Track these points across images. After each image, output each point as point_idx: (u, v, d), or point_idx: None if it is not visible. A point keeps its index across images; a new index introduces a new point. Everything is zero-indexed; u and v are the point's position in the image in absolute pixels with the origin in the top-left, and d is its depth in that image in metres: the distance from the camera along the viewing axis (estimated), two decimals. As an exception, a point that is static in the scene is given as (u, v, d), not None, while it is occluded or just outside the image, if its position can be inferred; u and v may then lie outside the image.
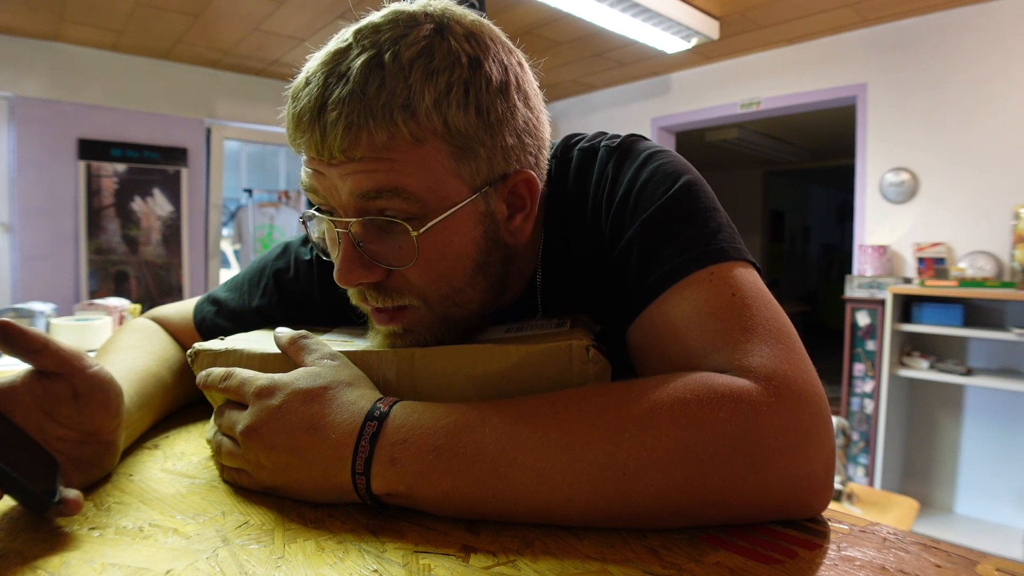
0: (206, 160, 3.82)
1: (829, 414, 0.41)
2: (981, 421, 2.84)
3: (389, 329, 0.50)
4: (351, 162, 0.44)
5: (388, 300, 0.49)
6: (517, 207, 0.51)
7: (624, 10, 2.71)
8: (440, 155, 0.45)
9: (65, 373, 0.42)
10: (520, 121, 0.48)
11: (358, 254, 0.47)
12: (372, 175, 0.44)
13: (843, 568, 0.34)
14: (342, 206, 0.46)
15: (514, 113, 0.48)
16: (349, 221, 0.46)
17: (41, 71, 3.21)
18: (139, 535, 0.38)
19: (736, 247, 0.48)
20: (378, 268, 0.48)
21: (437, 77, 0.43)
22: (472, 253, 0.49)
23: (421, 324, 0.50)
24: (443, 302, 0.50)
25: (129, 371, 0.56)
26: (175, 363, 0.65)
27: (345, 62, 0.44)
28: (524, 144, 0.49)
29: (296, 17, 2.94)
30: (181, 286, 3.73)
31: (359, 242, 0.47)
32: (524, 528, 0.38)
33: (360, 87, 0.42)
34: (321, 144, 0.43)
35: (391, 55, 0.43)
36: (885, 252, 2.99)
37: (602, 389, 0.42)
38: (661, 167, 0.52)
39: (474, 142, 0.46)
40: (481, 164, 0.47)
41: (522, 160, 0.49)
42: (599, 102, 4.38)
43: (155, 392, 0.58)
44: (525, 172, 0.50)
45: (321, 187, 0.47)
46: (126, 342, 0.65)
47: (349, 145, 0.43)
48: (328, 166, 0.45)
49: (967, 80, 2.77)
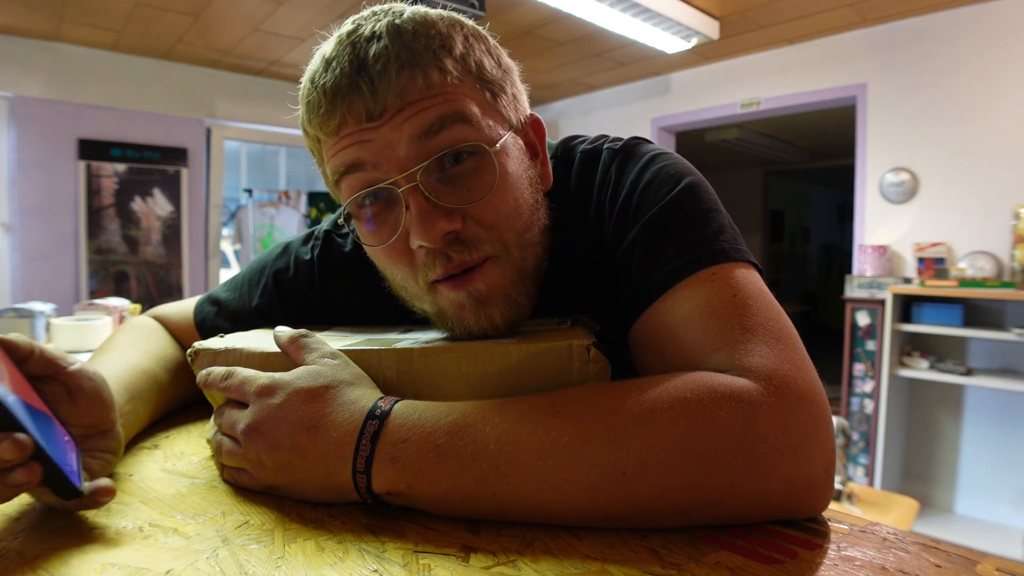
0: (206, 160, 3.81)
1: (829, 414, 0.41)
2: (981, 421, 2.83)
3: (470, 294, 0.48)
4: (405, 108, 0.44)
5: (470, 251, 0.47)
6: (532, 153, 0.54)
7: (624, 10, 2.71)
8: (478, 91, 0.48)
9: (54, 374, 0.43)
10: (516, 73, 0.54)
11: (433, 205, 0.45)
12: (431, 110, 0.45)
13: (843, 568, 0.34)
14: (400, 162, 0.45)
15: (511, 65, 0.53)
16: (417, 170, 0.45)
17: (41, 71, 3.21)
18: (139, 535, 0.38)
19: (738, 248, 0.48)
20: (456, 214, 0.46)
21: (455, 28, 0.48)
22: (527, 186, 0.51)
23: (503, 278, 0.49)
24: (519, 242, 0.50)
25: (118, 368, 0.56)
26: (171, 360, 0.65)
27: (366, 31, 0.45)
28: (523, 92, 0.54)
29: (296, 17, 2.94)
30: (181, 286, 3.72)
31: (429, 194, 0.46)
32: (524, 528, 0.38)
33: (397, 38, 0.45)
34: (372, 100, 0.44)
35: (407, 18, 0.46)
36: (885, 252, 2.99)
37: (602, 388, 0.42)
38: (664, 169, 0.52)
39: (499, 83, 0.50)
40: (508, 103, 0.51)
41: (526, 107, 0.55)
42: (599, 102, 4.38)
43: (147, 387, 0.58)
44: (533, 115, 0.54)
45: (369, 155, 0.45)
46: (121, 341, 0.65)
47: (404, 88, 0.44)
48: (377, 126, 0.45)
49: (967, 80, 2.77)
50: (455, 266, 0.47)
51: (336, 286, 0.64)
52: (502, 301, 0.49)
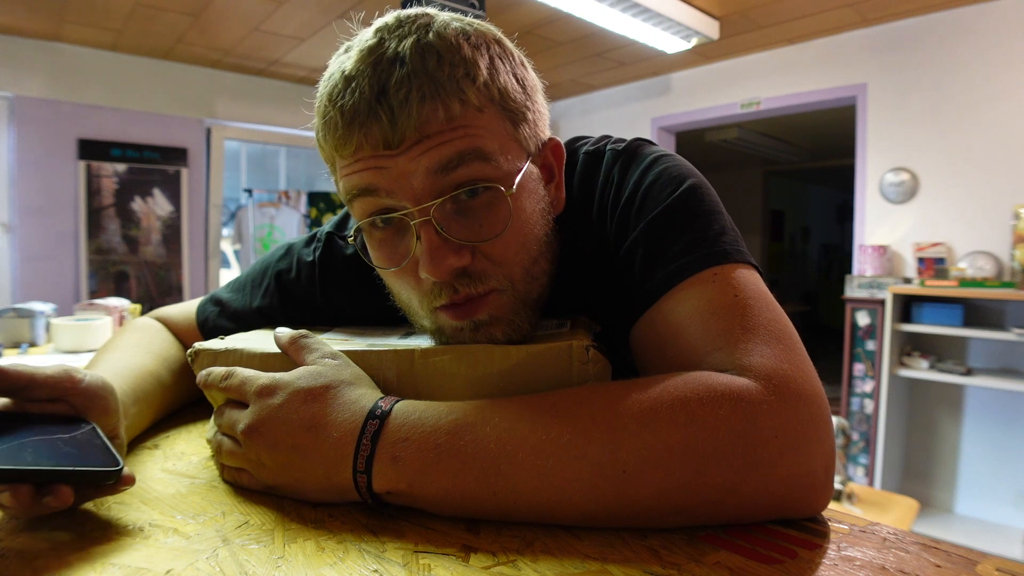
0: (206, 160, 3.81)
1: (829, 414, 0.41)
2: (981, 421, 2.83)
3: (471, 322, 0.48)
4: (424, 140, 0.43)
5: (477, 285, 0.47)
6: (547, 177, 0.53)
7: (624, 10, 2.71)
8: (500, 120, 0.47)
9: (60, 396, 0.43)
10: (540, 91, 0.52)
11: (443, 240, 0.45)
12: (449, 144, 0.44)
13: (843, 568, 0.34)
14: (415, 194, 0.44)
15: (536, 83, 0.51)
16: (431, 205, 0.44)
17: (41, 71, 3.21)
18: (139, 535, 0.38)
19: (739, 250, 0.49)
20: (465, 251, 0.46)
21: (481, 50, 0.46)
22: (539, 219, 0.51)
23: (505, 307, 0.49)
24: (525, 276, 0.50)
25: (124, 369, 0.56)
26: (174, 362, 0.65)
27: (390, 50, 0.43)
28: (546, 112, 0.53)
29: (296, 17, 2.94)
30: (181, 286, 3.72)
31: (440, 228, 0.45)
32: (524, 528, 0.38)
33: (420, 65, 0.43)
34: (391, 129, 0.42)
35: (435, 35, 0.44)
36: (885, 252, 2.99)
37: (602, 388, 0.42)
38: (667, 170, 0.53)
39: (522, 108, 0.48)
40: (530, 129, 0.49)
41: (546, 128, 0.53)
42: (599, 102, 4.38)
43: (152, 390, 0.59)
44: (554, 139, 0.53)
45: (384, 182, 0.44)
46: (125, 341, 0.65)
47: (425, 120, 0.42)
48: (394, 155, 0.43)
49: (967, 80, 2.77)
50: (460, 297, 0.47)
51: (338, 287, 0.65)
52: (504, 324, 0.49)
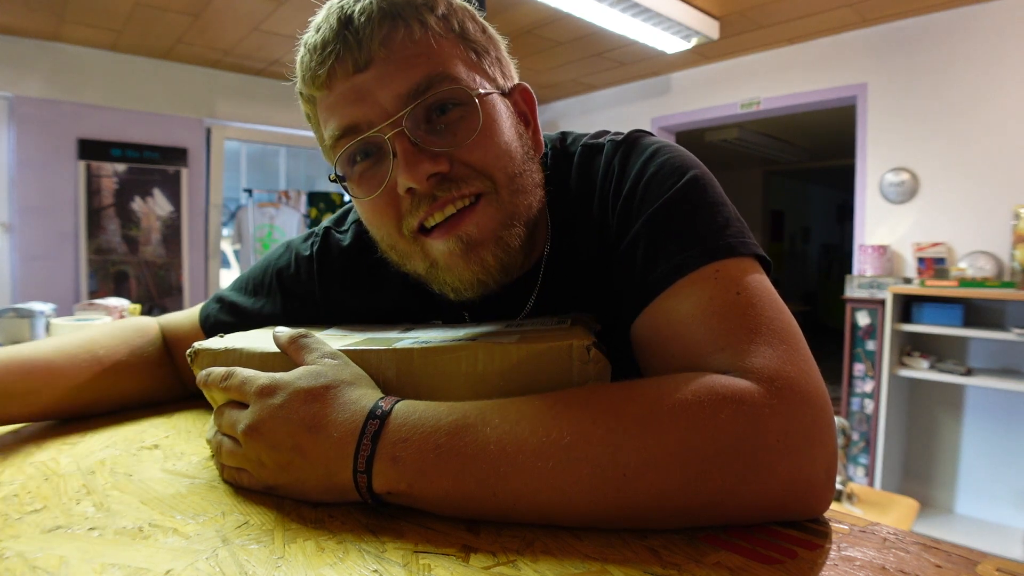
0: (206, 160, 3.81)
1: (831, 416, 0.41)
2: (981, 421, 2.83)
3: (460, 238, 0.49)
4: (391, 62, 0.46)
5: (459, 187, 0.48)
6: (524, 123, 0.55)
7: (624, 10, 2.70)
8: (462, 50, 0.49)
9: None
10: (503, 45, 0.55)
11: (418, 149, 0.47)
12: (416, 68, 0.47)
13: (843, 568, 0.34)
14: (386, 113, 0.47)
15: (497, 37, 0.54)
16: (402, 115, 0.47)
17: (41, 71, 3.21)
18: (139, 535, 0.38)
19: (744, 242, 0.48)
20: (442, 157, 0.48)
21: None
22: (516, 139, 0.52)
23: (493, 219, 0.49)
24: (509, 184, 0.50)
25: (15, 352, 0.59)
26: (104, 354, 0.64)
27: None
28: (510, 63, 0.55)
29: (296, 17, 2.94)
30: (181, 286, 3.72)
31: (414, 140, 0.47)
32: (524, 528, 0.38)
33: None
34: (359, 49, 0.46)
35: None
36: (885, 252, 2.99)
37: (603, 389, 0.41)
38: (668, 161, 0.52)
39: (484, 47, 0.51)
40: (494, 66, 0.52)
41: (514, 76, 0.56)
42: (599, 102, 4.38)
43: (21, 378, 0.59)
44: (522, 84, 0.55)
45: (360, 112, 0.47)
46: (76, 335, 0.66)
47: (387, 36, 0.46)
48: (365, 78, 0.47)
49: (967, 80, 2.77)
50: (440, 204, 0.48)
51: (335, 281, 0.65)
52: (493, 243, 0.50)
